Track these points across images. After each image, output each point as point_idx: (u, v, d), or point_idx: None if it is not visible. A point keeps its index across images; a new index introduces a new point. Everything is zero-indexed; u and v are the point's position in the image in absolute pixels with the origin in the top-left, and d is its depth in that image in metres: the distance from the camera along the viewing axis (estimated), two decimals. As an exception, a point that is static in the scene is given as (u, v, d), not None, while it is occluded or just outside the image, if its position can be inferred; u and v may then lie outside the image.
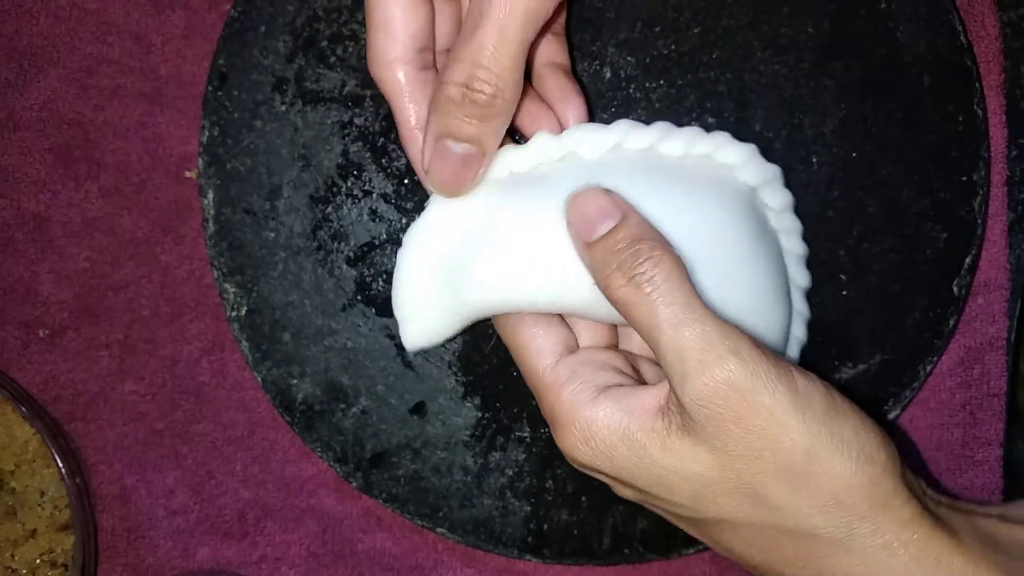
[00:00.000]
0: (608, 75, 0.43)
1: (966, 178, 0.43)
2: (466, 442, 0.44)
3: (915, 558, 0.31)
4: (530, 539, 0.44)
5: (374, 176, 0.43)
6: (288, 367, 0.43)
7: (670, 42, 0.43)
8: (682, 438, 0.32)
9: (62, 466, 0.44)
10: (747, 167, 0.38)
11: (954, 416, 0.46)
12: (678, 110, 0.43)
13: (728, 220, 0.37)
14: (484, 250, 0.36)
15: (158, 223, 0.46)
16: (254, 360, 0.43)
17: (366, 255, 0.43)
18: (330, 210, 0.43)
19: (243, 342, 0.43)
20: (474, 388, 0.44)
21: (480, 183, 0.37)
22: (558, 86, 0.39)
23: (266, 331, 0.43)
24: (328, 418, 0.43)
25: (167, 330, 0.46)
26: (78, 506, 0.44)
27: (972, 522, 0.34)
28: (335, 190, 0.43)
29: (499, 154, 0.37)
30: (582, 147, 0.37)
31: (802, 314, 0.41)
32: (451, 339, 0.43)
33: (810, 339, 0.41)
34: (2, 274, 0.46)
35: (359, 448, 0.43)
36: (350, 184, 0.43)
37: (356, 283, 0.43)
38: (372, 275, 0.43)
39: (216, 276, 0.43)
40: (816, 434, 0.31)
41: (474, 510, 0.44)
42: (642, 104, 0.43)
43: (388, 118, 0.43)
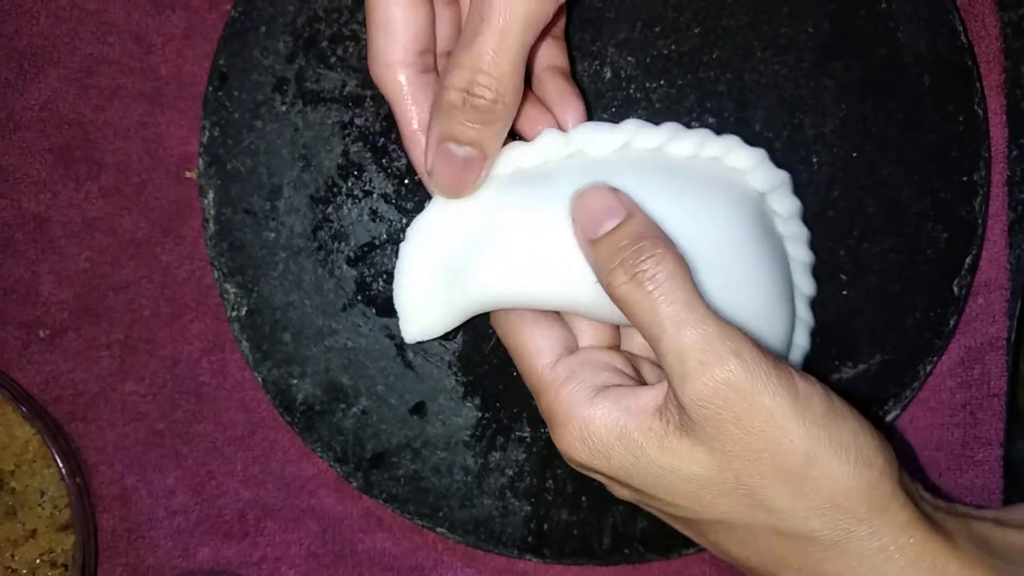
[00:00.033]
0: (608, 75, 0.43)
1: (966, 178, 0.43)
2: (466, 442, 0.44)
3: (911, 562, 0.31)
4: (530, 539, 0.44)
5: (374, 176, 0.43)
6: (288, 367, 0.43)
7: (670, 42, 0.43)
8: (680, 438, 0.32)
9: (62, 466, 0.44)
10: (756, 172, 0.38)
11: (954, 416, 0.46)
12: (678, 110, 0.43)
13: (735, 223, 0.37)
14: (488, 245, 0.36)
15: (158, 223, 0.46)
16: (254, 360, 0.43)
17: (366, 255, 0.43)
18: (330, 210, 0.43)
19: (243, 342, 0.43)
20: (474, 388, 0.44)
21: (483, 183, 0.37)
22: (557, 89, 0.39)
23: (266, 331, 0.43)
24: (328, 418, 0.43)
25: (167, 330, 0.46)
26: (78, 506, 0.44)
27: (968, 526, 0.34)
28: (335, 190, 0.43)
29: (505, 150, 0.37)
30: (590, 145, 0.37)
31: (806, 322, 0.41)
32: (451, 339, 0.43)
33: (810, 339, 0.41)
34: (3, 274, 0.46)
35: (359, 448, 0.43)
36: (350, 184, 0.43)
37: (356, 283, 0.43)
38: (372, 275, 0.43)
39: (216, 276, 0.43)
40: (815, 437, 0.31)
41: (474, 510, 0.44)
42: (642, 104, 0.43)
43: (388, 118, 0.43)
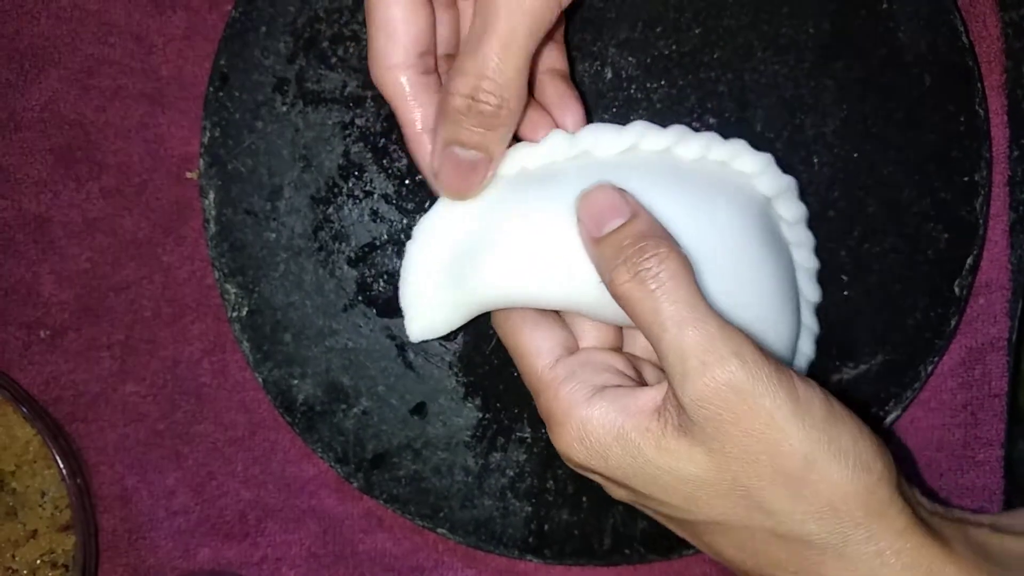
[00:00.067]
0: (609, 75, 0.43)
1: (967, 178, 0.43)
2: (467, 443, 0.44)
3: (908, 566, 0.31)
4: (531, 539, 0.44)
5: (375, 177, 0.43)
6: (289, 368, 0.43)
7: (671, 42, 0.43)
8: (678, 438, 0.32)
9: (63, 467, 0.44)
10: (762, 176, 0.38)
11: (955, 417, 0.46)
12: (679, 110, 0.43)
13: (740, 226, 0.37)
14: (493, 245, 0.36)
15: (159, 224, 0.46)
16: (255, 361, 0.43)
17: (367, 256, 0.43)
18: (331, 211, 0.43)
19: (244, 343, 0.43)
20: (475, 389, 0.44)
21: (488, 185, 0.37)
22: (557, 92, 0.39)
23: (267, 332, 0.43)
24: (329, 419, 0.43)
25: (168, 331, 0.46)
26: (79, 507, 0.44)
27: (965, 532, 0.34)
28: (336, 191, 0.43)
29: (511, 151, 0.37)
30: (596, 147, 0.37)
31: (811, 329, 0.41)
32: (452, 340, 0.43)
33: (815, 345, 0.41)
34: (3, 275, 0.46)
35: (360, 449, 0.43)
36: (351, 185, 0.43)
37: (357, 284, 0.43)
38: (373, 276, 0.43)
39: (217, 277, 0.43)
40: (815, 440, 0.31)
41: (475, 511, 0.44)
42: (643, 104, 0.43)
43: (389, 119, 0.43)
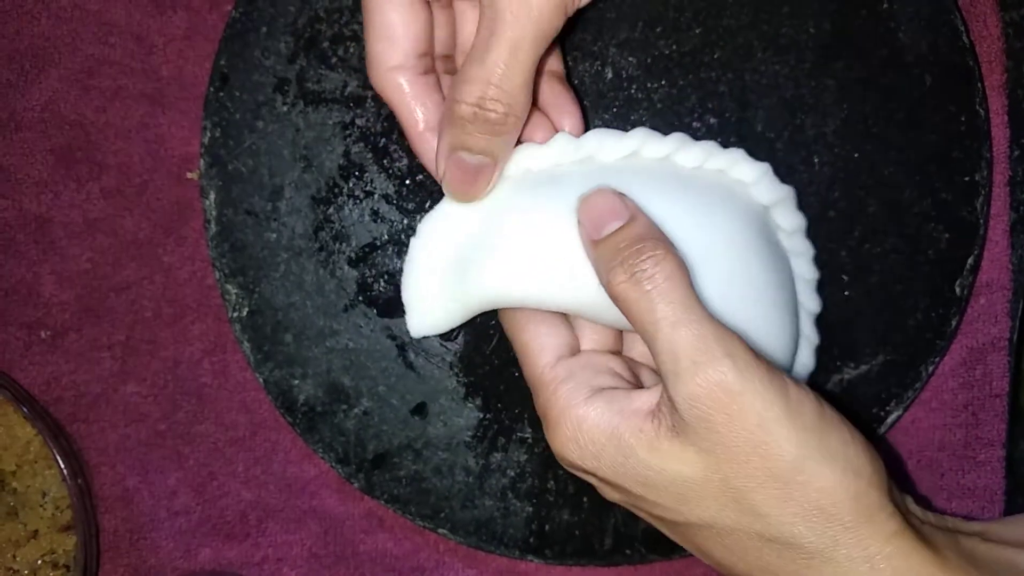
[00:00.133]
0: (609, 75, 0.43)
1: (968, 178, 0.43)
2: (467, 443, 0.44)
3: (896, 572, 0.31)
4: (532, 540, 0.44)
5: (376, 177, 0.43)
6: (290, 368, 0.43)
7: (671, 42, 0.43)
8: (671, 439, 0.32)
9: (64, 467, 0.44)
10: (760, 185, 0.38)
11: (956, 417, 0.46)
12: (679, 110, 0.43)
13: (737, 233, 0.37)
14: (495, 244, 0.37)
15: (160, 224, 0.46)
16: (256, 361, 0.43)
17: (368, 256, 0.43)
18: (332, 211, 0.43)
19: (245, 343, 0.43)
20: (475, 389, 0.44)
21: (494, 186, 0.37)
22: (554, 94, 0.39)
23: (268, 332, 0.43)
24: (330, 419, 0.43)
25: (169, 331, 0.46)
26: (80, 507, 0.44)
27: (955, 540, 0.34)
28: (337, 191, 0.43)
29: (517, 151, 0.37)
30: (600, 151, 0.38)
31: (810, 340, 0.41)
32: (452, 340, 0.43)
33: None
34: (4, 275, 0.46)
35: (361, 449, 0.43)
36: (352, 185, 0.43)
37: (358, 284, 0.43)
38: (374, 276, 0.43)
39: (218, 277, 0.43)
40: (805, 443, 0.31)
41: (476, 511, 0.44)
42: (643, 104, 0.43)
43: (389, 119, 0.43)
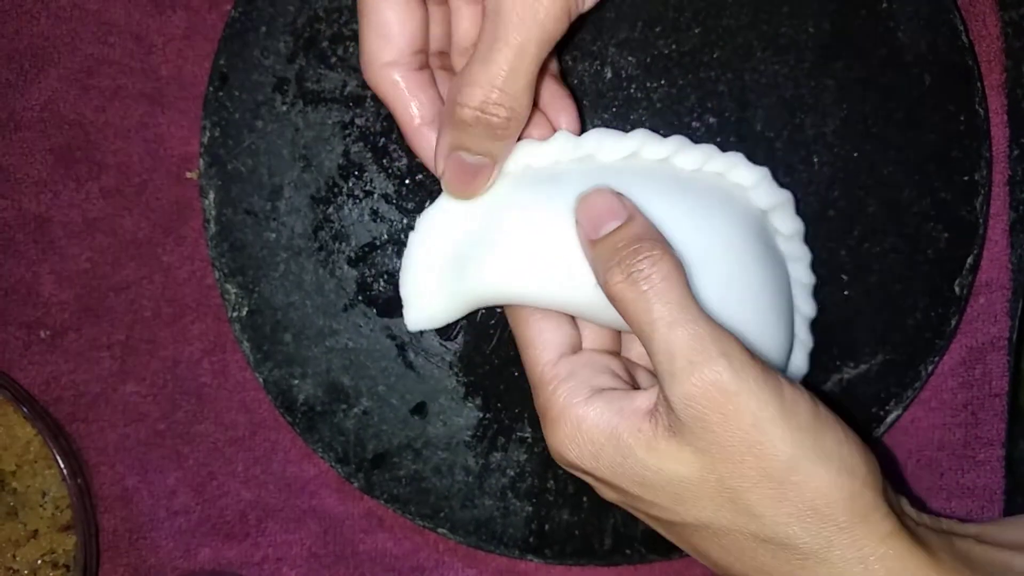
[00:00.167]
0: (609, 75, 0.43)
1: (967, 178, 0.43)
2: (467, 442, 0.44)
3: (891, 573, 0.31)
4: (531, 539, 0.44)
5: (375, 176, 0.43)
6: (289, 368, 0.43)
7: (671, 42, 0.43)
8: (668, 439, 0.32)
9: (63, 467, 0.44)
10: (758, 189, 0.38)
11: (956, 416, 0.46)
12: (679, 110, 0.43)
13: (734, 235, 0.37)
14: (494, 241, 0.37)
15: (159, 224, 0.46)
16: (255, 361, 0.43)
17: (367, 255, 0.43)
18: (331, 210, 0.43)
19: (244, 343, 0.43)
20: (475, 388, 0.44)
21: (493, 183, 0.37)
22: (549, 92, 0.40)
23: (267, 332, 0.43)
24: (329, 419, 0.43)
25: (168, 331, 0.46)
26: (79, 507, 0.44)
27: (950, 542, 0.34)
28: (336, 190, 0.43)
29: (518, 147, 0.37)
30: (600, 151, 0.38)
31: (805, 343, 0.41)
32: (452, 339, 0.43)
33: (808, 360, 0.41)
34: (3, 275, 0.46)
35: (360, 449, 0.43)
36: (351, 184, 0.43)
37: (357, 284, 0.43)
38: (373, 275, 0.43)
39: (217, 277, 0.43)
40: (799, 443, 0.31)
41: (475, 510, 0.44)
42: (643, 104, 0.43)
43: (389, 118, 0.43)
